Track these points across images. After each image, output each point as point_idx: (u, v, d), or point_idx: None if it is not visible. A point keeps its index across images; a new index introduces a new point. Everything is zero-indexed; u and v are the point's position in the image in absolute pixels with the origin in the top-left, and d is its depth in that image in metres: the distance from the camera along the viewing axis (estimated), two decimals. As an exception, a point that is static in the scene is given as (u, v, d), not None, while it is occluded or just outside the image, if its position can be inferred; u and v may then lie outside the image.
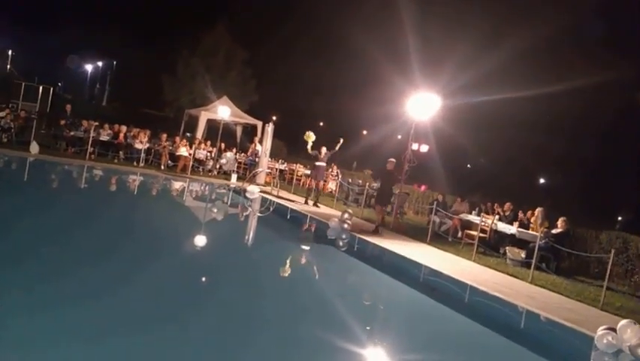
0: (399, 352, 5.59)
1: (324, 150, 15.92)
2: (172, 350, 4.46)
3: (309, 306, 6.61)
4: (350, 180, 19.70)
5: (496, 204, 13.91)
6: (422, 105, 13.03)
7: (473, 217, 13.10)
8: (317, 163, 15.84)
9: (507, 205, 13.51)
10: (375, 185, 16.64)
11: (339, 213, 12.60)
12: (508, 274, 9.83)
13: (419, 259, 9.85)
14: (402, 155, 13.70)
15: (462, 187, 19.69)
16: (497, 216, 12.89)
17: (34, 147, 15.92)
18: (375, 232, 11.92)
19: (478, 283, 8.57)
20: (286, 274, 8.25)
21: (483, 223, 11.98)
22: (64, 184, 14.39)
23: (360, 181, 19.41)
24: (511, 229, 12.01)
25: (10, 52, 44.38)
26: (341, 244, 10.88)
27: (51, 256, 6.49)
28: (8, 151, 15.65)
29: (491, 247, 11.92)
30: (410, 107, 13.27)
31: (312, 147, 15.72)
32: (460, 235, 13.04)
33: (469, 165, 37.31)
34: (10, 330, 4.15)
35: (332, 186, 20.69)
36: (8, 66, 42.56)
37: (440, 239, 12.58)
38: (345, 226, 11.43)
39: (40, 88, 29.02)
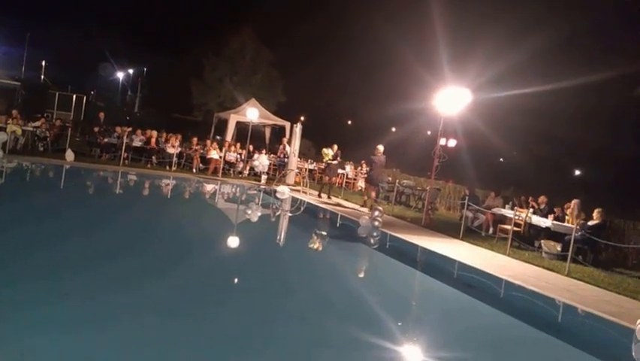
0: (436, 349, 5.59)
1: (335, 147, 17.19)
2: (212, 345, 4.58)
3: (344, 304, 6.65)
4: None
5: (530, 198, 13.70)
6: (451, 100, 12.92)
7: (507, 211, 12.93)
8: (329, 162, 17.12)
9: (541, 198, 13.29)
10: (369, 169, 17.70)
11: (367, 211, 12.60)
12: (544, 267, 9.69)
13: (452, 255, 9.78)
14: (432, 150, 13.59)
15: (495, 181, 19.40)
16: (531, 210, 12.70)
17: (70, 155, 16.35)
18: (364, 205, 14.96)
19: (513, 278, 8.47)
20: (319, 273, 8.32)
21: (517, 217, 11.82)
22: (101, 190, 14.77)
23: (390, 178, 19.34)
24: (546, 222, 11.82)
25: (43, 62, 45.65)
26: (372, 241, 10.89)
27: (99, 258, 6.79)
28: (45, 159, 16.14)
29: (526, 240, 11.74)
30: (439, 102, 13.18)
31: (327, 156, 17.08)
32: (493, 229, 12.89)
33: (501, 159, 36.70)
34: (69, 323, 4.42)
35: (361, 183, 20.66)
36: (42, 76, 43.79)
37: (473, 234, 12.45)
38: (376, 223, 11.42)
39: (74, 97, 29.85)
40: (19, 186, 13.24)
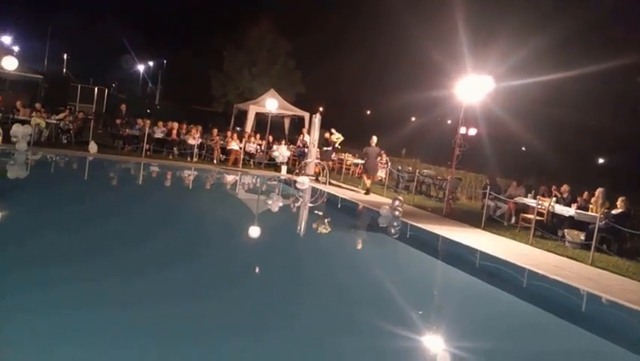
0: (459, 338, 5.58)
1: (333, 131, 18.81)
2: (237, 333, 4.67)
3: (366, 294, 6.68)
4: (400, 168, 19.58)
5: (553, 187, 13.53)
6: (472, 88, 12.79)
7: (529, 200, 12.80)
8: (325, 148, 18.73)
9: (564, 187, 13.12)
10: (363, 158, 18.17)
11: (389, 201, 12.59)
12: (567, 256, 9.60)
13: (475, 244, 9.74)
14: (452, 139, 13.50)
15: (517, 170, 19.20)
16: (554, 199, 12.55)
17: (93, 147, 16.59)
18: (367, 194, 15.59)
19: (536, 267, 8.41)
20: (340, 264, 8.35)
21: (540, 206, 11.70)
22: (125, 181, 15.03)
23: (410, 168, 19.27)
24: (570, 211, 11.68)
25: (65, 56, 46.26)
26: (393, 231, 10.89)
27: (132, 245, 7.13)
28: (69, 151, 16.42)
29: (549, 230, 11.62)
30: (460, 90, 13.06)
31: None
32: (515, 219, 12.78)
33: (523, 148, 36.22)
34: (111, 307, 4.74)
35: (381, 174, 20.57)
36: (64, 70, 44.39)
37: (495, 224, 12.36)
38: (397, 213, 11.41)
39: (96, 89, 30.20)
40: (46, 177, 13.53)
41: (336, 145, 19.27)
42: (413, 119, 42.20)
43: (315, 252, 8.99)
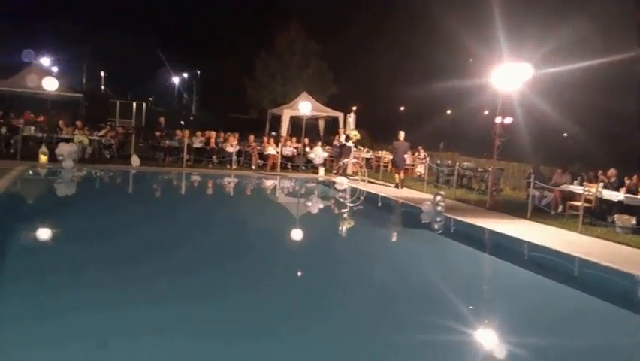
0: (516, 332, 5.48)
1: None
2: (300, 334, 4.74)
3: (416, 291, 6.64)
4: (439, 162, 19.34)
5: (599, 172, 13.12)
6: (509, 76, 12.51)
7: (576, 187, 12.45)
8: (346, 144, 19.10)
9: (611, 171, 12.70)
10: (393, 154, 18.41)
11: (430, 196, 12.46)
12: (618, 242, 9.29)
13: (522, 235, 9.51)
14: (491, 130, 13.25)
15: (560, 158, 18.69)
16: (602, 184, 12.16)
17: (135, 160, 17.01)
18: (397, 187, 16.21)
19: (587, 255, 8.15)
20: (386, 262, 8.31)
21: (587, 193, 11.36)
22: (171, 191, 15.41)
23: (450, 162, 19.00)
24: (619, 196, 11.29)
25: (102, 73, 47.65)
26: (436, 226, 10.75)
27: (187, 250, 7.54)
28: (113, 166, 16.89)
29: (598, 216, 11.27)
30: (496, 79, 12.80)
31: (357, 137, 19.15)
32: (562, 207, 12.44)
33: (565, 134, 35.22)
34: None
35: (420, 169, 20.40)
36: (102, 87, 45.71)
37: (542, 213, 12.07)
38: (439, 208, 11.26)
39: (134, 104, 30.96)
40: (96, 192, 14.15)
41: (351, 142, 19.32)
42: (449, 111, 41.66)
43: (360, 252, 8.97)
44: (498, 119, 13.20)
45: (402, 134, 17.11)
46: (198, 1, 49.26)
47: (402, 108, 45.14)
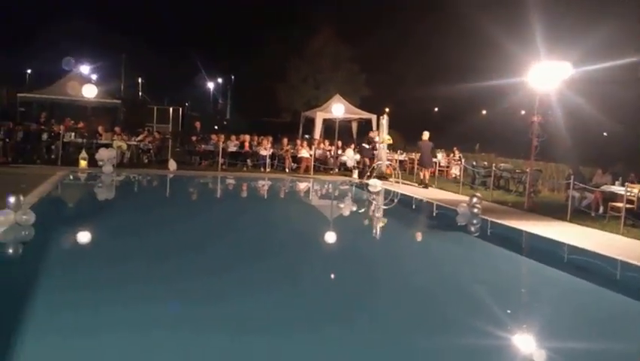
0: (555, 337, 5.36)
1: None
2: (341, 336, 4.75)
3: (453, 295, 6.56)
4: (474, 163, 19.04)
5: (643, 172, 12.70)
6: (547, 75, 12.24)
7: (617, 188, 12.06)
8: (365, 145, 20.48)
9: (655, 172, 12.28)
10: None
11: (466, 198, 12.29)
12: (663, 245, 8.95)
13: (561, 238, 9.28)
14: (529, 130, 12.97)
15: (600, 158, 18.17)
16: (645, 185, 11.76)
17: (172, 164, 17.34)
18: (425, 187, 16.53)
19: (629, 258, 7.89)
20: (422, 265, 8.23)
21: (629, 194, 11.01)
22: (208, 194, 15.73)
23: (486, 163, 18.70)
24: (664, 197, 10.90)
25: (139, 80, 48.74)
26: (473, 229, 10.59)
27: (227, 251, 7.87)
28: (151, 170, 17.26)
29: (641, 218, 10.90)
30: (533, 78, 12.54)
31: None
32: (603, 209, 12.08)
33: (605, 134, 34.22)
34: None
35: (455, 171, 20.14)
36: (140, 93, 46.74)
37: (582, 215, 11.74)
38: (475, 210, 11.08)
39: (171, 109, 31.54)
40: (134, 195, 14.48)
41: (380, 145, 19.40)
42: (484, 112, 41.05)
43: (396, 255, 8.91)
44: (535, 119, 12.93)
45: (426, 134, 17.56)
46: (232, 8, 49.87)
47: (435, 109, 44.72)
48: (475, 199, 11.09)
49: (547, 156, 16.69)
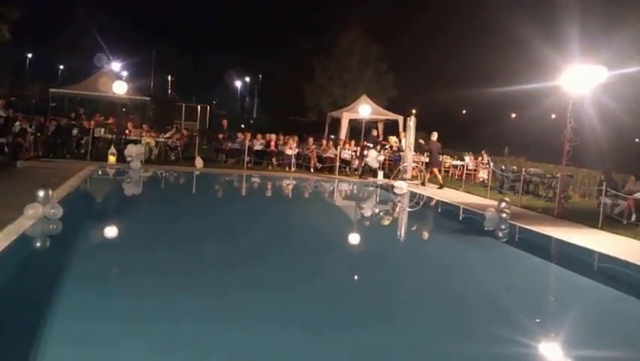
0: (586, 346, 5.19)
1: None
2: (343, 333, 4.65)
3: (479, 302, 6.41)
4: (503, 167, 18.71)
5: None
6: (581, 79, 11.93)
7: (651, 196, 11.70)
8: (367, 144, 19.84)
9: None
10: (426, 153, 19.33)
11: (493, 203, 12.05)
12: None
13: (592, 246, 9.01)
14: (561, 134, 12.67)
15: (635, 165, 17.66)
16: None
17: (199, 162, 17.46)
18: (440, 188, 16.61)
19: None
20: (448, 270, 8.08)
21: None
22: (233, 191, 15.87)
23: (515, 167, 18.36)
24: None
25: (169, 77, 49.37)
26: (501, 234, 10.36)
27: (254, 248, 7.98)
28: (178, 167, 17.41)
29: (678, 227, 10.54)
30: (566, 82, 12.24)
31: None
32: (636, 216, 11.72)
33: (637, 140, 33.37)
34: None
35: (483, 174, 19.83)
36: (169, 90, 47.34)
37: (614, 223, 11.41)
38: (504, 215, 10.85)
39: (199, 107, 31.83)
40: (161, 190, 14.72)
41: (388, 146, 19.66)
42: (513, 115, 40.41)
43: (421, 259, 8.78)
44: (568, 123, 12.62)
45: (435, 135, 17.91)
46: (260, 7, 50.13)
47: (463, 111, 44.21)
48: (503, 204, 10.86)
49: (578, 161, 16.29)
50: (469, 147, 23.50)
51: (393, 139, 19.48)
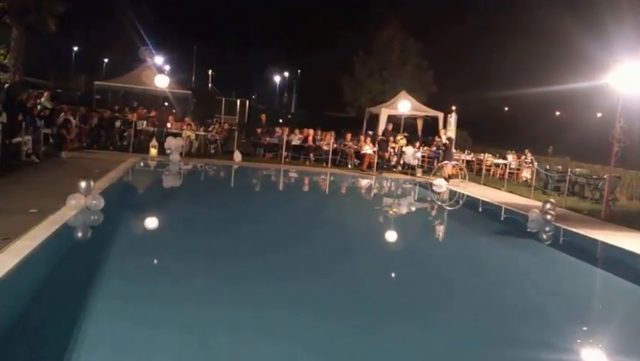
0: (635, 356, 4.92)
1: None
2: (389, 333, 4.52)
3: (522, 307, 6.21)
4: (548, 167, 18.13)
5: None
6: (631, 77, 11.42)
7: None
8: (383, 138, 19.87)
9: None
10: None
11: (537, 203, 11.66)
12: None
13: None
14: (610, 134, 12.17)
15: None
16: None
17: (238, 155, 17.56)
18: (446, 180, 16.60)
19: None
20: (489, 272, 7.84)
21: None
22: (271, 186, 15.88)
23: (560, 167, 17.77)
24: None
25: (210, 72, 49.98)
26: (544, 237, 10.01)
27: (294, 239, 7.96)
28: (217, 161, 17.55)
29: None
30: (615, 80, 11.74)
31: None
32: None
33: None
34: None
35: (526, 174, 19.27)
36: (209, 84, 47.93)
37: (665, 227, 10.88)
38: (548, 217, 10.47)
39: (238, 102, 32.08)
40: (201, 183, 15.02)
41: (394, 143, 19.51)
42: (557, 113, 39.27)
43: (461, 260, 8.54)
44: (617, 123, 12.11)
45: (449, 133, 18.85)
46: (300, 2, 50.17)
47: (506, 109, 43.23)
48: (548, 205, 10.48)
49: (627, 162, 15.65)
50: (511, 144, 22.90)
51: (399, 138, 19.22)
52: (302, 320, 4.93)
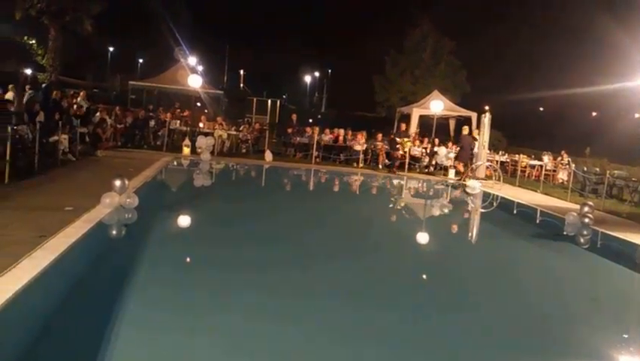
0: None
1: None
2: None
3: (559, 312, 6.03)
4: (585, 169, 17.64)
5: None
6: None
7: None
8: (394, 138, 19.36)
9: None
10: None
11: (574, 206, 11.33)
12: None
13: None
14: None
15: None
16: None
17: (269, 155, 17.63)
18: (460, 178, 16.85)
19: None
20: (526, 277, 7.64)
21: None
22: (301, 185, 15.90)
23: (598, 169, 17.27)
24: None
25: (241, 72, 50.36)
26: (582, 240, 9.71)
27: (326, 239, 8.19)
28: (248, 160, 17.65)
29: None
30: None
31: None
32: None
33: None
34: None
35: (563, 176, 18.80)
36: (241, 84, 48.31)
37: None
38: (586, 220, 10.15)
39: (269, 101, 32.23)
40: (233, 183, 15.23)
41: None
42: (594, 113, 38.27)
43: (497, 263, 8.37)
44: None
45: (466, 129, 18.66)
46: (332, 2, 50.15)
47: (541, 109, 42.34)
48: (586, 208, 10.17)
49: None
50: (546, 145, 22.39)
51: (405, 139, 18.92)
52: (346, 318, 5.03)
